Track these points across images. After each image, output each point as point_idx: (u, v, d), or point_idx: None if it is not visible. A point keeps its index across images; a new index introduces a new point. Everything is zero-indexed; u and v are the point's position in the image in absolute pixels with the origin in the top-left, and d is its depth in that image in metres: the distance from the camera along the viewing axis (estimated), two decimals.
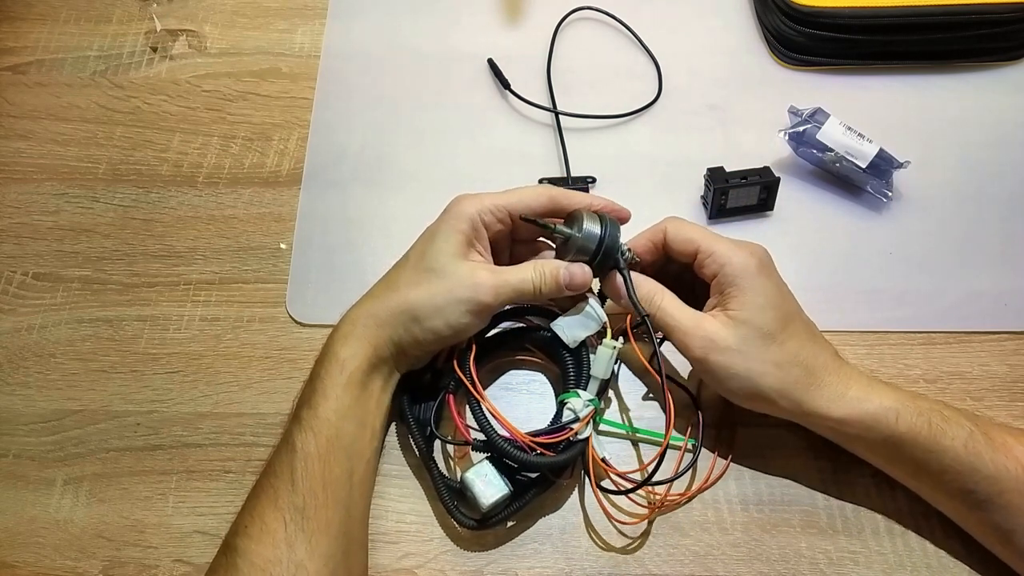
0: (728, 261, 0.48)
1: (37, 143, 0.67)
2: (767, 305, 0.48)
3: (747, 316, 0.47)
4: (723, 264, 0.48)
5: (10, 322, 0.59)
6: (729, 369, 0.47)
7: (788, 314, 0.49)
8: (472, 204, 0.50)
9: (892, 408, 0.47)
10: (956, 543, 0.50)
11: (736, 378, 0.48)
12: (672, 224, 0.51)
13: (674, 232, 0.51)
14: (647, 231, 0.52)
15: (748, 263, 0.48)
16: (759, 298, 0.48)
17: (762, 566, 0.50)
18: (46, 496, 0.53)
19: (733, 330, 0.47)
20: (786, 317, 0.48)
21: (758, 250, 0.50)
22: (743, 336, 0.47)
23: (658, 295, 0.50)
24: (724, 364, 0.47)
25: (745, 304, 0.48)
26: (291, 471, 0.45)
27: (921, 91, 0.68)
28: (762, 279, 0.48)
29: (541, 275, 0.49)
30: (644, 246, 0.52)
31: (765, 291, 0.48)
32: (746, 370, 0.47)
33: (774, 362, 0.47)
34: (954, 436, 0.46)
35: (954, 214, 0.62)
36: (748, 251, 0.49)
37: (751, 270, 0.48)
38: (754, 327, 0.47)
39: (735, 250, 0.49)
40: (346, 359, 0.48)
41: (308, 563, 0.43)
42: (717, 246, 0.49)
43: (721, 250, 0.49)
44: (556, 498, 0.52)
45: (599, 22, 0.72)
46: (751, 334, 0.47)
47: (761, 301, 0.48)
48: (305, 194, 0.64)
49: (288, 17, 0.73)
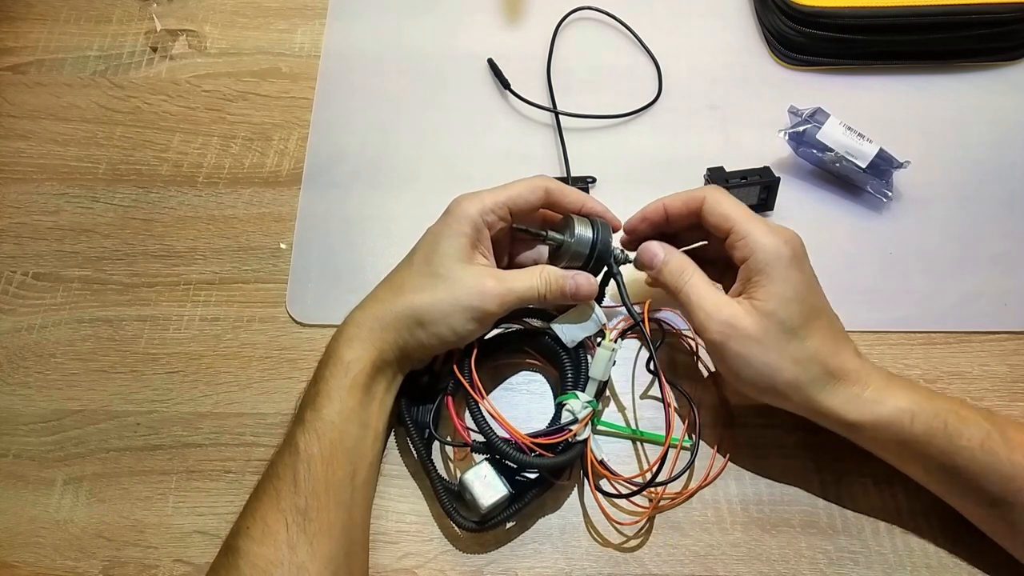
0: (761, 248, 0.47)
1: (37, 143, 0.67)
2: (794, 298, 0.47)
3: (773, 308, 0.46)
4: (755, 250, 0.47)
5: (10, 322, 0.59)
6: (746, 359, 0.47)
7: (814, 309, 0.48)
8: (473, 205, 0.49)
9: (907, 410, 0.46)
10: (956, 543, 0.50)
11: (751, 368, 0.47)
12: (712, 195, 0.50)
13: (712, 204, 0.50)
14: (684, 193, 0.51)
15: (781, 252, 0.47)
16: (788, 290, 0.47)
17: (762, 566, 0.50)
18: (46, 496, 0.53)
19: (756, 320, 0.46)
20: (811, 312, 0.47)
21: (793, 239, 0.48)
22: (765, 327, 0.46)
23: (688, 271, 0.49)
24: (742, 353, 0.47)
25: (772, 295, 0.47)
26: (294, 473, 0.45)
27: (921, 91, 0.68)
28: (793, 271, 0.47)
29: (547, 284, 0.49)
30: (678, 208, 0.51)
31: (794, 283, 0.47)
32: (764, 363, 0.47)
33: (793, 358, 0.46)
34: (970, 437, 0.45)
35: (954, 214, 0.62)
36: (783, 239, 0.48)
37: (783, 260, 0.47)
38: (778, 320, 0.46)
39: (769, 236, 0.47)
40: (350, 362, 0.48)
41: (310, 565, 0.43)
42: (752, 229, 0.48)
43: (755, 235, 0.47)
44: (556, 498, 0.52)
45: (599, 22, 0.72)
46: (774, 327, 0.46)
47: (789, 294, 0.47)
48: (305, 194, 0.64)
49: (288, 17, 0.73)
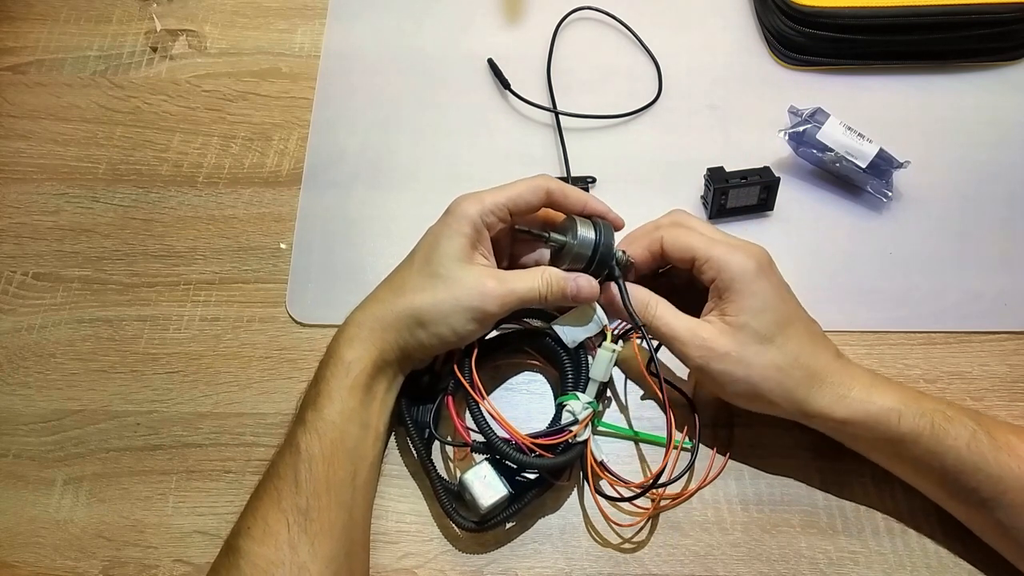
0: (724, 266, 0.48)
1: (37, 143, 0.67)
2: (765, 308, 0.48)
3: (744, 320, 0.47)
4: (719, 269, 0.48)
5: (10, 322, 0.59)
6: (729, 375, 0.47)
7: (787, 316, 0.48)
8: (473, 205, 0.49)
9: (894, 409, 0.47)
10: (956, 543, 0.50)
11: (736, 383, 0.48)
12: (668, 233, 0.51)
13: (670, 242, 0.50)
14: (643, 238, 0.52)
15: (746, 266, 0.48)
16: (756, 302, 0.47)
17: (762, 566, 0.50)
18: (46, 496, 0.53)
19: (730, 336, 0.47)
20: (785, 319, 0.48)
21: (757, 251, 0.49)
22: (741, 341, 0.47)
23: (652, 304, 0.50)
24: (723, 371, 0.47)
25: (742, 308, 0.47)
26: (295, 473, 0.45)
27: (921, 91, 0.68)
28: (761, 282, 0.48)
29: (548, 285, 0.49)
30: (641, 255, 0.52)
31: (763, 294, 0.48)
32: (746, 376, 0.47)
33: (774, 365, 0.47)
34: (957, 436, 0.46)
35: (954, 214, 0.62)
36: (746, 253, 0.49)
37: (749, 273, 0.48)
38: (751, 331, 0.47)
39: (732, 253, 0.48)
40: (351, 362, 0.48)
41: (311, 565, 0.43)
42: (714, 251, 0.49)
43: (717, 255, 0.48)
44: (556, 498, 0.52)
45: (599, 22, 0.72)
46: (748, 339, 0.47)
47: (758, 304, 0.47)
48: (305, 194, 0.64)
49: (288, 17, 0.73)
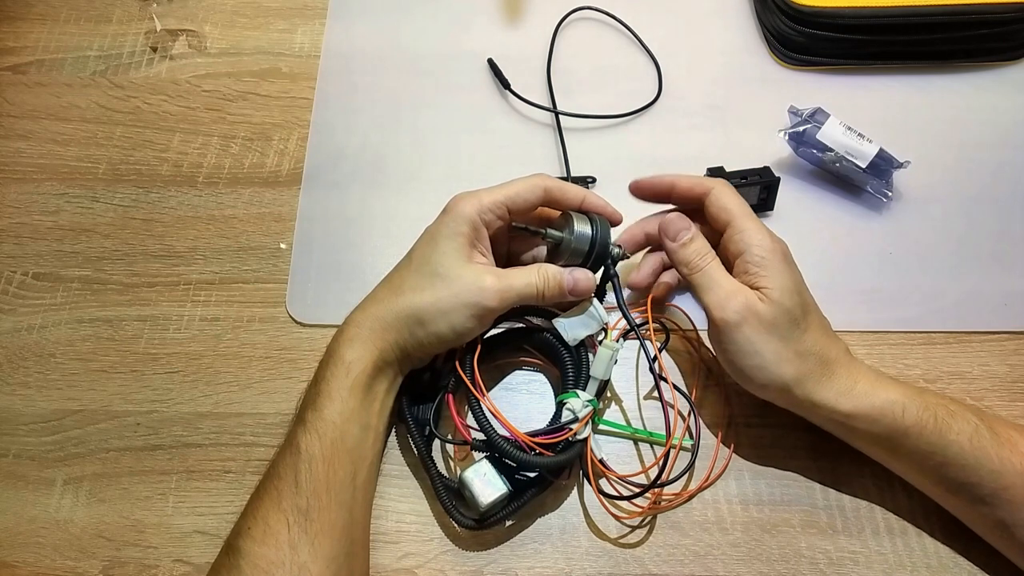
0: (758, 243, 0.49)
1: (37, 143, 0.67)
2: (796, 290, 0.48)
3: (779, 297, 0.48)
4: (751, 244, 0.49)
5: (10, 322, 0.59)
6: (756, 344, 0.47)
7: (810, 304, 0.50)
8: (471, 204, 0.49)
9: (898, 402, 0.47)
10: (956, 542, 0.50)
11: (758, 355, 0.47)
12: (719, 188, 0.52)
13: (717, 196, 0.51)
14: (696, 178, 0.53)
15: (776, 248, 0.49)
16: (788, 282, 0.48)
17: (762, 566, 0.50)
18: (46, 496, 0.53)
19: (770, 307, 0.47)
20: (809, 306, 0.49)
21: (782, 242, 0.51)
22: (776, 315, 0.47)
23: (710, 254, 0.50)
24: (753, 338, 0.47)
25: (777, 286, 0.48)
26: (295, 473, 0.45)
27: (921, 91, 0.68)
28: (790, 265, 0.49)
29: (545, 280, 0.49)
30: (684, 188, 0.53)
31: (793, 277, 0.49)
32: (772, 350, 0.47)
33: (796, 350, 0.48)
34: (959, 431, 0.46)
35: (954, 214, 0.62)
36: (775, 238, 0.50)
37: (779, 254, 0.49)
38: (786, 309, 0.47)
39: (765, 233, 0.50)
40: (351, 362, 0.48)
41: (311, 565, 0.43)
42: (750, 226, 0.50)
43: (752, 231, 0.49)
44: (556, 498, 0.52)
45: (599, 22, 0.72)
46: (783, 316, 0.47)
47: (791, 285, 0.48)
48: (305, 194, 0.64)
49: (288, 17, 0.73)
